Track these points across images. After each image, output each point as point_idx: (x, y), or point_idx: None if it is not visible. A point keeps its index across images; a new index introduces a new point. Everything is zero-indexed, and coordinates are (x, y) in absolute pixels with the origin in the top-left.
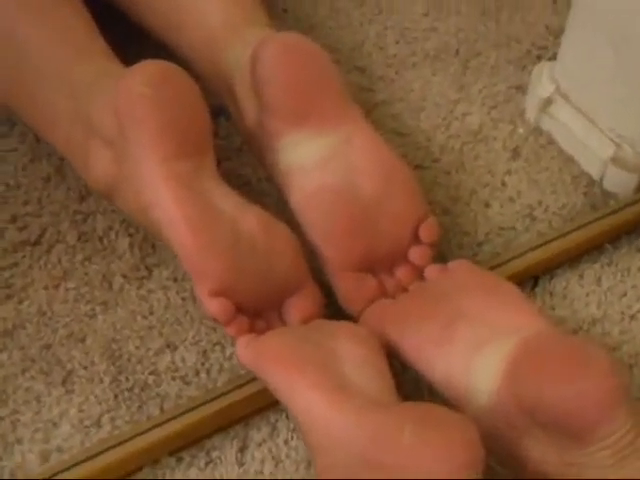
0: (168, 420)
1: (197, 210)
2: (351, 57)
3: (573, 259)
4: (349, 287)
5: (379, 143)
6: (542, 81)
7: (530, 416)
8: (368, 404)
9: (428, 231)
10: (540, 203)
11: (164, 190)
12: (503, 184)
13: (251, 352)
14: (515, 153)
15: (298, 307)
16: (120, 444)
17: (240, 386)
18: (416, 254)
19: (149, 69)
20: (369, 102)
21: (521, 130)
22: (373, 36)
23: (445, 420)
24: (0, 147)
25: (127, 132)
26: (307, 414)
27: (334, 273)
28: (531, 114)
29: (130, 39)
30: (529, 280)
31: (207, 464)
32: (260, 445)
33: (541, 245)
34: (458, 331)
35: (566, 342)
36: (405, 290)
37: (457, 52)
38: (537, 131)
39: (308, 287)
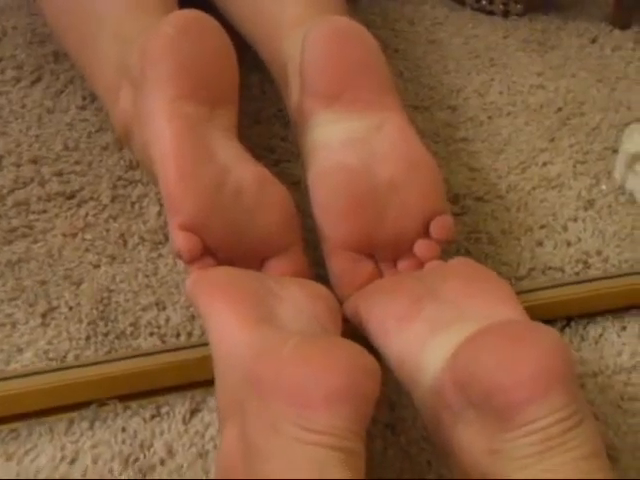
0: (123, 358)
1: (189, 148)
2: (447, 97)
3: (618, 310)
4: (342, 267)
5: (410, 135)
6: (633, 137)
7: (463, 392)
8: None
9: (440, 227)
10: (599, 253)
11: (165, 125)
12: (564, 228)
13: (193, 280)
14: (588, 204)
15: (277, 269)
16: (69, 368)
17: (204, 345)
18: (422, 248)
19: (182, 14)
20: (450, 137)
21: (604, 187)
22: (477, 84)
23: (337, 344)
24: (73, 117)
25: (146, 69)
26: (218, 335)
27: (329, 251)
28: (618, 172)
29: None
30: (562, 320)
31: (153, 417)
32: (213, 411)
33: (581, 282)
34: (425, 309)
35: (517, 325)
36: None
37: (559, 109)
38: (620, 190)
39: (293, 253)
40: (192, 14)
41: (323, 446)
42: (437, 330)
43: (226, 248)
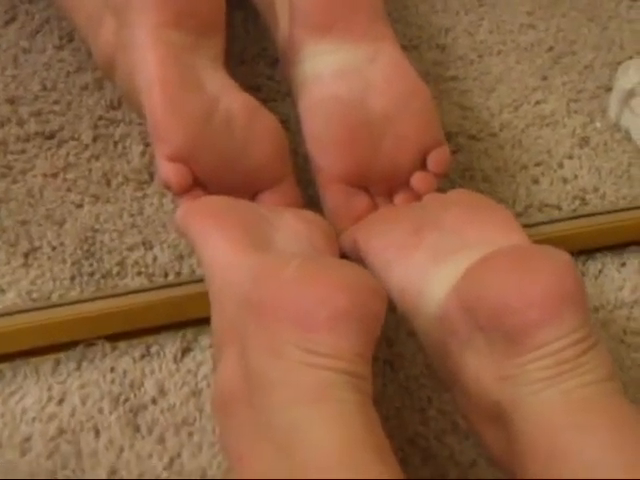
0: (110, 296)
1: (176, 76)
2: (435, 36)
3: (618, 246)
4: (337, 201)
5: (403, 66)
6: (628, 73)
7: (471, 317)
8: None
9: (437, 159)
10: (597, 190)
11: (150, 52)
12: (560, 165)
13: (184, 209)
14: (583, 141)
15: (269, 202)
16: (54, 307)
17: (195, 281)
18: (419, 180)
19: None
20: (440, 76)
21: (598, 124)
22: (466, 23)
23: (341, 264)
24: (50, 57)
25: None
26: (212, 262)
27: (324, 184)
28: (613, 109)
29: None
30: None
31: (142, 357)
32: (205, 350)
33: (579, 217)
34: (426, 238)
35: (526, 247)
36: None
37: (551, 48)
38: (615, 127)
39: (285, 185)
40: None
41: (329, 369)
42: (441, 258)
43: (216, 180)
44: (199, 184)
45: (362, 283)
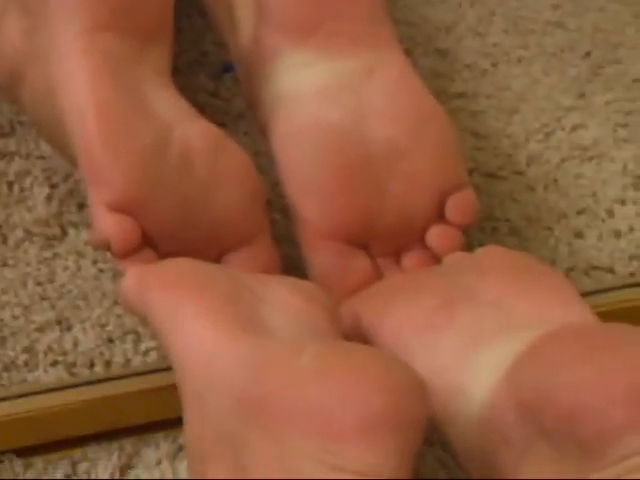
0: (17, 397)
1: (117, 96)
2: (433, 37)
3: None
4: (328, 264)
5: (412, 80)
6: None
7: (532, 420)
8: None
9: (460, 206)
10: None
11: (80, 65)
12: (609, 214)
13: (136, 276)
14: (639, 181)
15: (240, 265)
16: None
17: (134, 375)
18: (437, 235)
19: None
20: (443, 92)
21: None
22: (472, 19)
23: (369, 353)
24: None
25: None
26: (186, 347)
27: (309, 241)
28: None
29: None
30: None
31: (68, 477)
32: (151, 467)
33: (635, 285)
34: (458, 316)
35: (600, 327)
36: None
37: (588, 54)
38: None
39: (260, 242)
40: None
41: None
42: (481, 342)
43: (171, 237)
44: (148, 242)
45: (400, 377)
